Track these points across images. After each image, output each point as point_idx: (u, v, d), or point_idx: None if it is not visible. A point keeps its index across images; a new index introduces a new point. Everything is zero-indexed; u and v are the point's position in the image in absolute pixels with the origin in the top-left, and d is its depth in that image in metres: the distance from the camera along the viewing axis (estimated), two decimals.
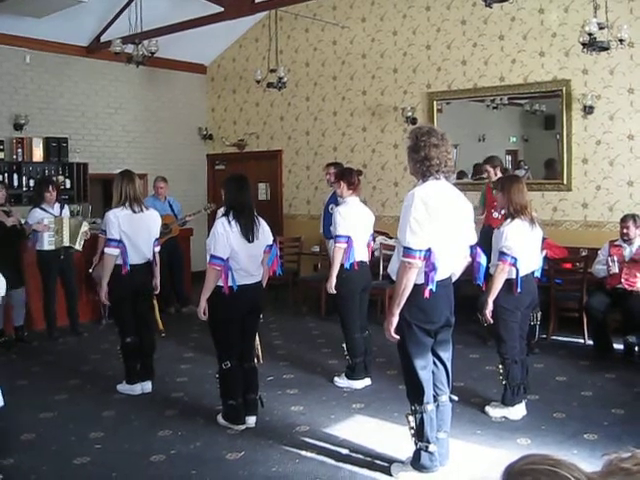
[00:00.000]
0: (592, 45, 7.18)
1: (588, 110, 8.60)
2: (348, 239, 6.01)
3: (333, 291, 6.12)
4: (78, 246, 8.08)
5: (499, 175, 7.77)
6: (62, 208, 8.18)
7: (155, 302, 6.78)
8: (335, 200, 7.11)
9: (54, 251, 7.91)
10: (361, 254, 6.16)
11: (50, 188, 7.98)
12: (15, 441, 4.95)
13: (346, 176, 6.29)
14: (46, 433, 5.12)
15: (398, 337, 4.06)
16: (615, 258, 6.88)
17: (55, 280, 8.06)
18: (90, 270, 8.09)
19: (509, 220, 5.21)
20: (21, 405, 5.73)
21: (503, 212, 5.47)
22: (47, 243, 7.86)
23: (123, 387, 6.09)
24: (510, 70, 9.34)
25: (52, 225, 7.86)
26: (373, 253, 7.39)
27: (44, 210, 7.94)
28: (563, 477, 1.39)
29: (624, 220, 7.03)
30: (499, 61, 9.43)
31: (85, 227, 8.13)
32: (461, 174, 9.52)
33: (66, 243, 7.94)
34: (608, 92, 8.55)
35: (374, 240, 7.01)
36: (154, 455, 4.65)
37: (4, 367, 6.94)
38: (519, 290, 5.14)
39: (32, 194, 9.08)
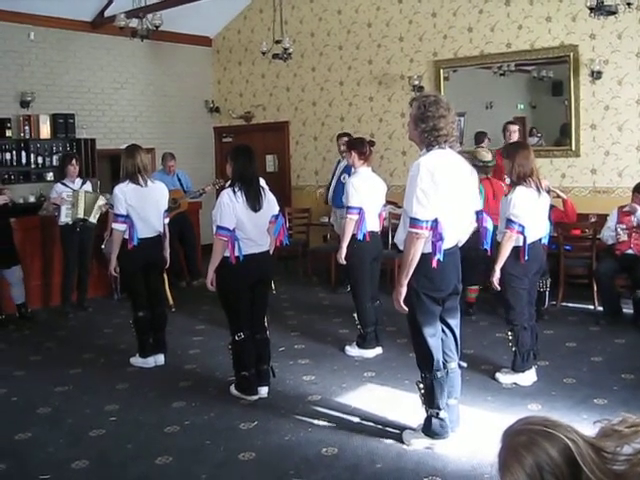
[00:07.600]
0: (599, 9, 7.10)
1: (596, 75, 8.52)
2: (360, 210, 6.00)
3: (343, 262, 6.14)
4: (93, 219, 8.14)
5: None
6: (84, 183, 8.30)
7: (165, 276, 6.82)
8: (349, 171, 7.10)
9: (72, 224, 8.01)
10: (373, 224, 6.16)
11: (72, 162, 8.17)
12: (31, 415, 5.02)
13: (357, 146, 6.26)
14: (62, 406, 5.19)
15: (407, 308, 4.09)
16: (624, 226, 6.85)
17: (75, 254, 8.15)
18: (102, 246, 8.14)
19: (515, 188, 5.21)
20: (36, 380, 5.82)
21: (508, 180, 5.46)
22: (64, 216, 7.98)
23: (136, 360, 6.15)
24: (517, 36, 9.25)
25: (69, 198, 7.96)
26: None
27: (65, 185, 8.10)
28: (558, 438, 1.43)
29: (638, 189, 6.92)
30: (505, 27, 9.33)
31: (101, 201, 8.17)
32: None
33: (80, 215, 8.00)
34: (616, 57, 8.46)
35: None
36: (168, 426, 4.71)
37: (17, 343, 7.03)
38: (526, 257, 5.15)
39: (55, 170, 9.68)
